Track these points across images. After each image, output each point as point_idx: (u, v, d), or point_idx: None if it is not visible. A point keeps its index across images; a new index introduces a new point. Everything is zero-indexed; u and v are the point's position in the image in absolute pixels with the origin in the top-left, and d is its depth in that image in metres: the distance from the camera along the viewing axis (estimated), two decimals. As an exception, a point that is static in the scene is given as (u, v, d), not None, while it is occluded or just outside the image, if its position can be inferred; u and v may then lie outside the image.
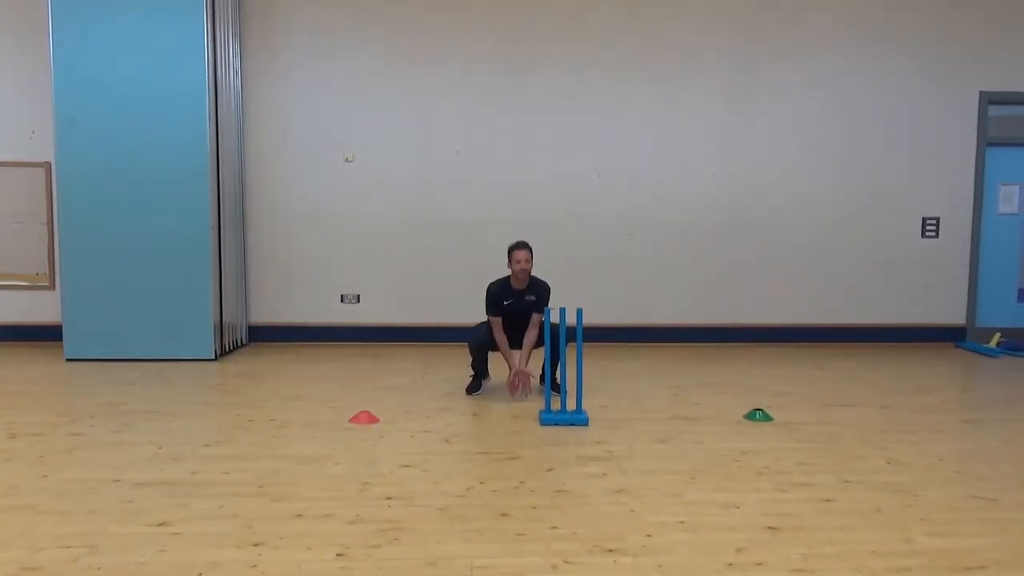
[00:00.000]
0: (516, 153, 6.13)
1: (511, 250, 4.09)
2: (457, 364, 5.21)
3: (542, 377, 4.33)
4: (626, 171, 6.15)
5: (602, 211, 6.15)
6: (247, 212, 6.06)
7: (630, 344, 6.21)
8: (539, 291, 4.16)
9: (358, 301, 6.17)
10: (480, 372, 4.33)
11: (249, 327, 6.12)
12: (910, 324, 6.37)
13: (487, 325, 4.23)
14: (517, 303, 4.13)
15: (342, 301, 6.16)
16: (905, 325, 6.37)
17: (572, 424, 3.61)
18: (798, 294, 6.29)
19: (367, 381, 4.63)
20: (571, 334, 3.65)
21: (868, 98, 6.23)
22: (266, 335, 6.13)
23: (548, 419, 3.64)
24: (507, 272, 4.19)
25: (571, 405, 3.75)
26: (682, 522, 2.46)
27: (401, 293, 6.14)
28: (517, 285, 4.10)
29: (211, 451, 3.18)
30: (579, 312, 3.66)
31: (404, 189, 6.09)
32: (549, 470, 2.96)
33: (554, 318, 3.77)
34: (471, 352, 4.27)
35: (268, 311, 6.14)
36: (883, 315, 6.35)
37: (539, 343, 4.15)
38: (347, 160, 6.04)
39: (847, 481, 2.86)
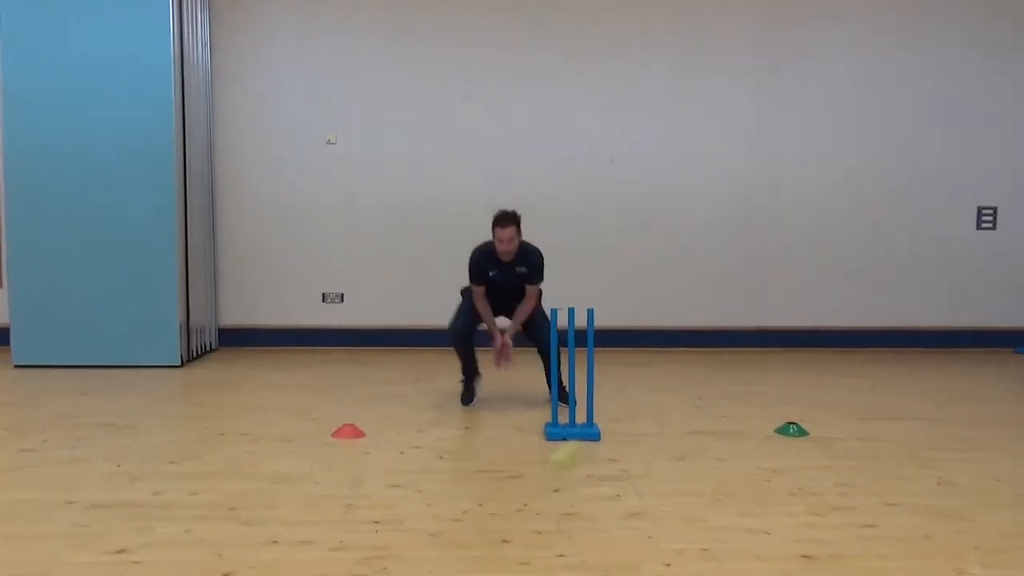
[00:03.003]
0: (519, 135, 6.12)
1: (493, 226, 3.97)
2: (453, 371, 5.19)
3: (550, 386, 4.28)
4: (640, 155, 6.15)
5: (614, 200, 6.15)
6: (217, 201, 6.06)
7: (646, 349, 6.20)
8: (530, 261, 4.04)
9: (341, 301, 6.17)
10: (470, 373, 4.27)
11: (219, 330, 6.12)
12: (963, 327, 6.35)
13: (469, 304, 4.14)
14: (503, 275, 4.05)
15: (324, 301, 6.16)
16: (957, 328, 6.35)
17: (581, 439, 3.60)
18: (834, 293, 6.28)
19: (351, 390, 4.62)
20: (580, 337, 3.63)
21: (913, 75, 6.21)
22: (238, 339, 6.13)
23: (555, 433, 3.63)
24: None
25: (580, 418, 3.74)
26: (705, 550, 2.44)
27: (390, 291, 6.14)
28: (504, 257, 4.02)
29: (176, 469, 3.17)
30: (590, 312, 3.65)
31: (393, 175, 6.09)
32: (555, 491, 2.95)
33: (561, 320, 3.75)
34: (454, 345, 4.20)
35: (241, 312, 6.14)
36: (932, 317, 6.33)
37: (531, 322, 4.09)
38: (329, 142, 6.03)
39: (891, 504, 2.85)
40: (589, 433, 3.62)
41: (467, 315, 4.17)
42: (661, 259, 6.21)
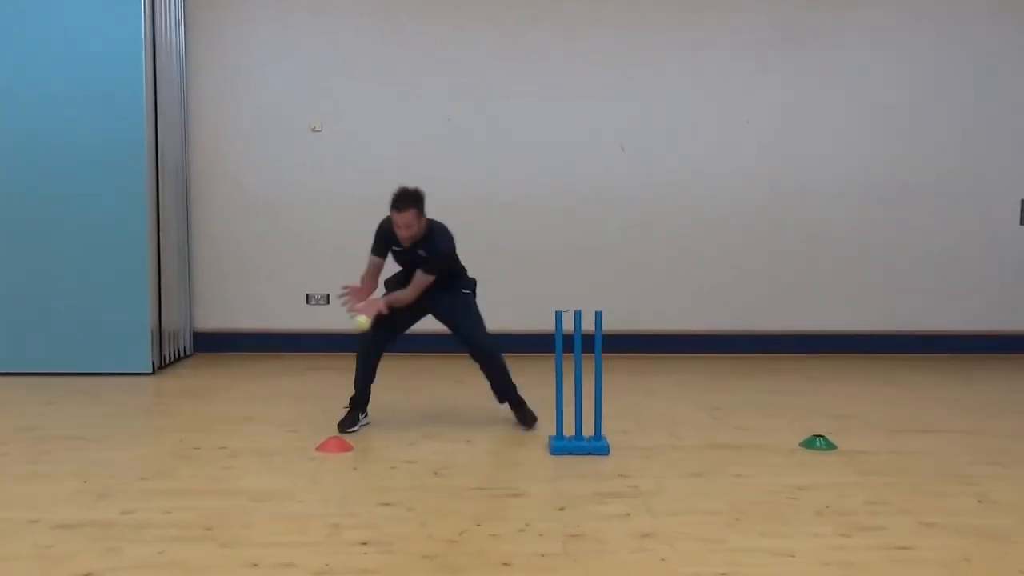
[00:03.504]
0: (519, 123, 6.12)
1: (391, 207, 3.78)
2: (448, 379, 5.21)
3: (499, 399, 4.12)
4: (650, 145, 6.15)
5: (623, 193, 6.15)
6: (192, 195, 6.06)
7: (658, 355, 6.20)
8: (432, 248, 3.82)
9: (327, 302, 6.17)
10: (361, 393, 4.03)
11: (194, 334, 6.12)
12: (1005, 331, 6.34)
13: (384, 319, 3.89)
14: (405, 252, 3.90)
15: (308, 302, 6.16)
16: (999, 332, 6.34)
17: (589, 453, 3.60)
18: (863, 293, 6.28)
19: (338, 400, 4.61)
20: (588, 343, 3.63)
21: (952, 55, 6.20)
22: (215, 344, 6.13)
23: (560, 447, 3.63)
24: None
25: (587, 430, 3.74)
26: (723, 574, 2.44)
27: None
28: (403, 243, 3.85)
29: (148, 486, 3.17)
30: (597, 316, 3.65)
31: (384, 164, 6.09)
32: (560, 509, 2.94)
33: (567, 323, 3.75)
34: (362, 356, 4.04)
35: (218, 315, 6.14)
36: (970, 320, 6.33)
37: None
38: (313, 129, 6.04)
39: (927, 524, 2.84)
40: (597, 447, 3.62)
41: (382, 325, 3.94)
42: (674, 257, 6.21)
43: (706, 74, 6.14)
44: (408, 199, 3.76)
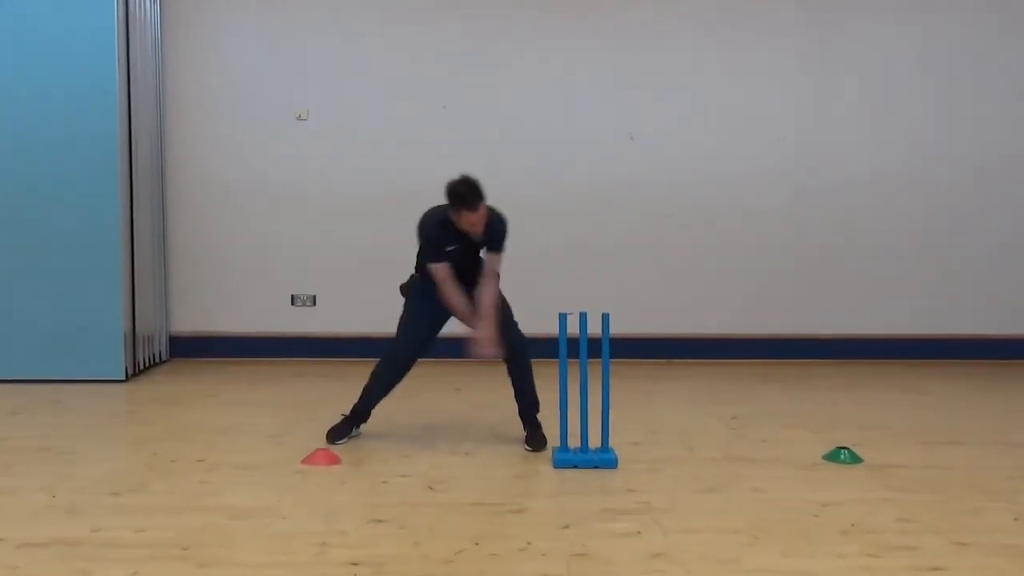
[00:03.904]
0: (522, 109, 6.12)
1: (458, 207, 3.62)
2: (443, 386, 5.21)
3: (525, 423, 4.03)
4: (664, 133, 6.15)
5: (634, 187, 6.15)
6: (168, 189, 6.07)
7: (671, 360, 6.20)
8: (492, 228, 3.75)
9: (314, 304, 6.17)
10: (367, 410, 4.00)
11: (171, 338, 6.13)
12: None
13: (421, 316, 3.86)
14: (462, 244, 3.78)
15: (293, 304, 6.16)
16: (1036, 337, 6.35)
17: (595, 466, 3.59)
18: (893, 295, 6.28)
19: (325, 408, 4.61)
20: (595, 347, 3.63)
21: (994, 36, 6.18)
22: (193, 348, 6.13)
23: (564, 460, 3.62)
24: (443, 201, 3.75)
25: (594, 442, 3.73)
26: (741, 597, 2.44)
27: (371, 294, 6.13)
28: (473, 237, 3.75)
29: (120, 501, 3.17)
30: (605, 317, 3.64)
31: (375, 157, 6.10)
32: (565, 527, 2.94)
33: (573, 326, 3.74)
34: (389, 368, 3.95)
35: (195, 317, 6.14)
36: (1009, 323, 6.32)
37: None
38: (299, 118, 6.04)
39: (960, 543, 2.84)
40: (604, 459, 3.61)
41: (421, 324, 3.91)
42: (687, 255, 6.21)
43: (723, 58, 6.14)
44: (477, 193, 3.64)
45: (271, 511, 3.07)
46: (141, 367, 5.63)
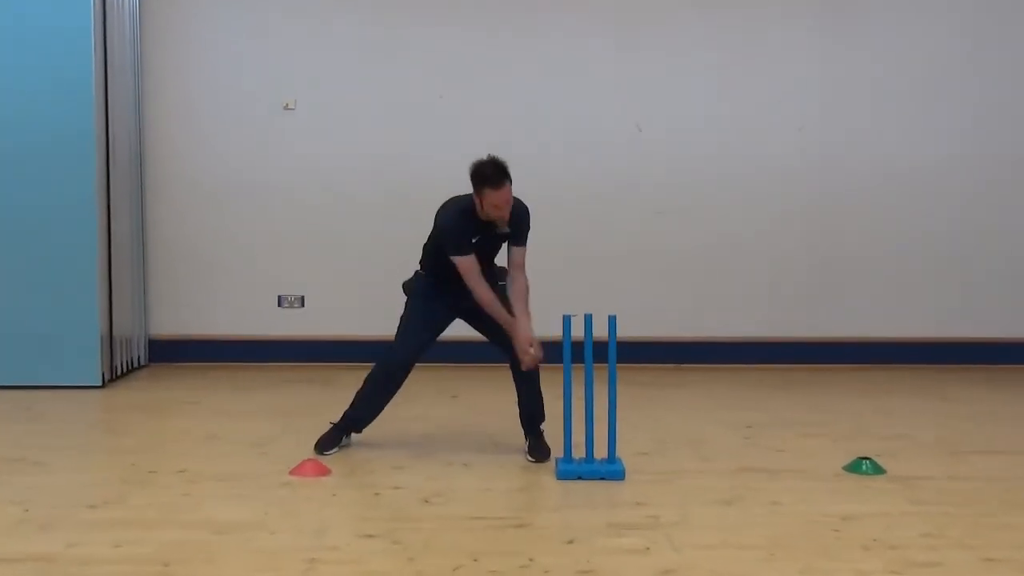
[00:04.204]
0: (522, 98, 6.12)
1: (483, 186, 3.60)
2: (439, 392, 5.20)
3: (527, 431, 4.01)
4: (673, 124, 6.14)
5: (643, 181, 6.14)
6: (148, 184, 6.06)
7: (681, 365, 6.19)
8: (515, 218, 3.74)
9: (302, 305, 6.17)
10: (366, 415, 3.96)
11: (150, 341, 6.12)
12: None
13: (422, 320, 3.86)
14: (486, 239, 3.78)
15: (280, 305, 6.16)
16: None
17: (601, 478, 3.58)
18: (917, 296, 6.27)
19: (314, 417, 4.60)
20: (600, 351, 3.61)
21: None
22: (173, 353, 6.13)
23: (568, 471, 3.62)
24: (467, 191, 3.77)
25: (600, 451, 3.73)
26: (757, 617, 2.44)
27: (362, 294, 6.13)
28: (500, 224, 3.74)
29: (96, 515, 3.16)
30: (611, 320, 3.64)
31: (366, 149, 6.09)
32: (569, 542, 2.94)
33: (577, 329, 3.73)
34: (386, 373, 3.93)
35: (176, 320, 6.14)
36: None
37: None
38: (287, 108, 6.03)
39: (990, 560, 2.83)
40: (610, 471, 3.60)
41: (426, 326, 3.90)
42: (698, 254, 6.20)
43: (738, 41, 6.13)
44: (503, 171, 3.63)
45: (256, 525, 3.06)
46: (118, 372, 5.62)
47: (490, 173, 3.62)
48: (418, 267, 4.08)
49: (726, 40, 6.14)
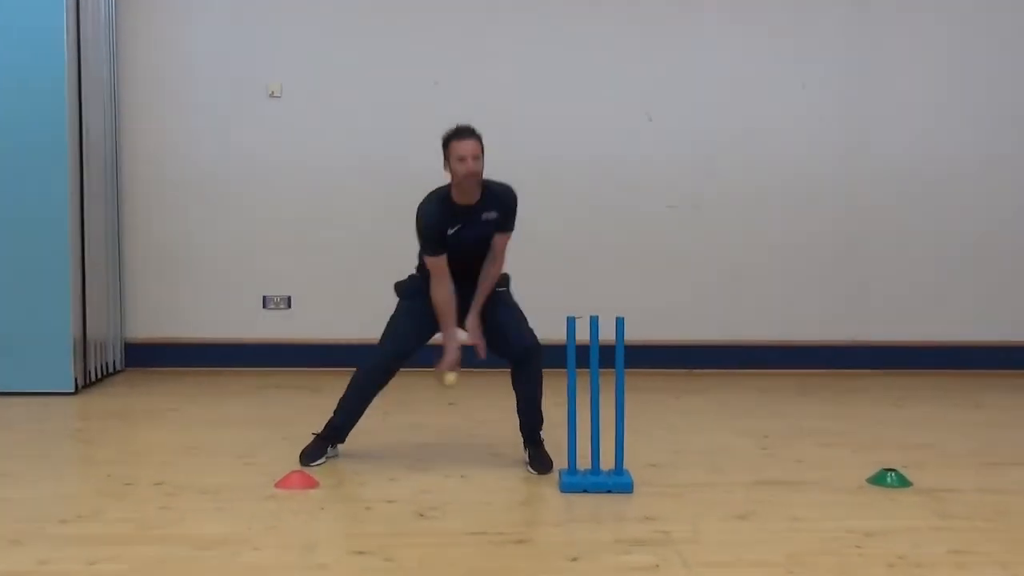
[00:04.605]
0: (523, 86, 6.12)
1: (448, 141, 3.77)
2: (435, 399, 5.20)
3: (526, 440, 4.04)
4: (689, 114, 6.15)
5: (652, 174, 6.15)
6: (124, 179, 6.07)
7: (694, 371, 6.19)
8: (500, 201, 3.87)
9: (288, 306, 6.17)
10: (348, 420, 4.03)
11: (126, 345, 6.13)
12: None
13: (415, 310, 3.94)
14: (468, 228, 3.83)
15: (265, 307, 6.16)
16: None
17: (608, 491, 3.59)
18: (944, 298, 6.28)
19: (301, 425, 4.61)
20: (607, 355, 3.62)
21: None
22: (151, 357, 6.13)
23: (572, 483, 3.62)
24: (445, 180, 3.86)
25: (607, 463, 3.73)
26: (775, 639, 2.44)
27: (352, 294, 6.14)
28: (464, 199, 3.83)
29: (69, 530, 3.16)
30: (619, 322, 3.64)
31: (357, 140, 6.09)
32: (574, 560, 2.93)
33: (582, 332, 3.73)
34: (366, 378, 4.01)
35: (154, 322, 6.14)
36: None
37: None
38: (272, 95, 6.03)
39: (1023, 577, 2.84)
40: (618, 483, 3.60)
41: (413, 327, 3.96)
42: (712, 253, 6.21)
43: (753, 31, 6.14)
44: (469, 128, 3.84)
45: (240, 541, 3.05)
46: (92, 378, 5.62)
47: (455, 128, 3.83)
48: (415, 269, 4.09)
49: (741, 30, 6.14)
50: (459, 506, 3.47)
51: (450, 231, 3.83)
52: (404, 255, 6.01)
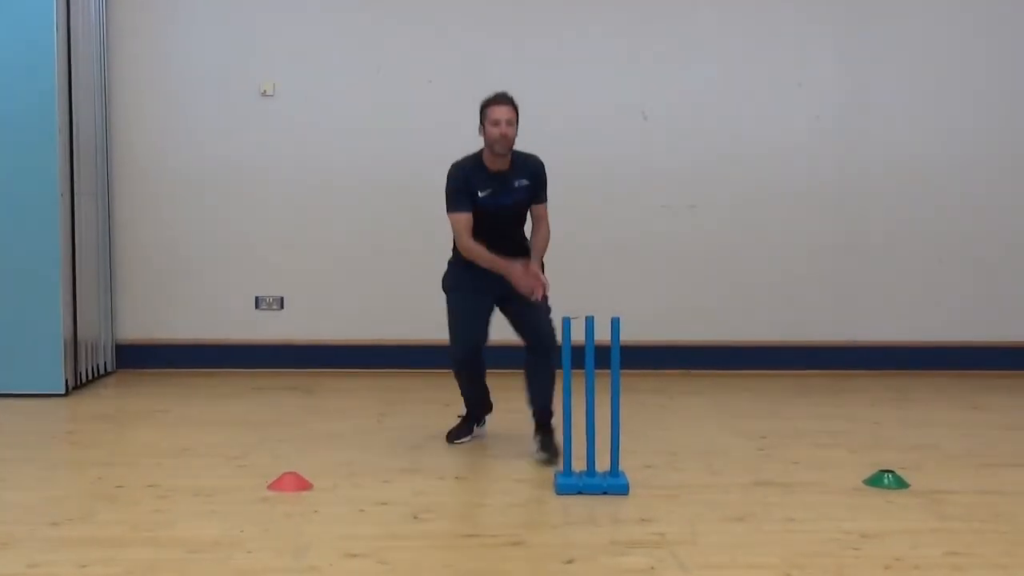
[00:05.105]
0: (519, 84, 6.07)
1: (484, 106, 4.01)
2: (431, 400, 5.19)
3: (537, 427, 4.17)
4: (684, 112, 6.15)
5: (647, 172, 6.14)
6: (114, 178, 6.05)
7: (690, 371, 6.20)
8: (531, 170, 4.11)
9: (281, 307, 6.16)
10: (478, 405, 4.30)
11: (117, 346, 6.11)
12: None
13: (464, 311, 4.11)
14: (499, 194, 4.05)
15: (257, 307, 6.15)
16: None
17: (604, 492, 3.59)
18: (945, 297, 6.28)
19: (294, 427, 4.61)
20: (603, 356, 3.62)
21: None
22: (142, 358, 6.12)
23: (568, 485, 3.62)
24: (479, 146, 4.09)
25: (602, 464, 3.73)
26: (771, 641, 2.44)
27: (345, 295, 6.14)
28: (496, 164, 4.03)
29: (60, 533, 3.16)
30: (615, 323, 3.64)
31: (351, 139, 6.09)
32: (569, 562, 2.94)
33: (577, 333, 3.74)
34: (457, 369, 4.22)
35: (145, 323, 6.13)
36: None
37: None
38: (264, 94, 6.02)
39: (1021, 579, 2.85)
40: (614, 485, 3.61)
41: (469, 318, 4.12)
42: (709, 252, 6.20)
43: (750, 26, 6.14)
44: (507, 95, 4.04)
45: (233, 543, 3.06)
46: (83, 379, 5.61)
47: (493, 94, 4.05)
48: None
49: (738, 26, 6.14)
50: (454, 508, 3.48)
51: (481, 193, 4.02)
52: (400, 255, 6.06)
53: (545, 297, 4.11)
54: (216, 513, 3.37)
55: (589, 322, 3.65)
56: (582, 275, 6.09)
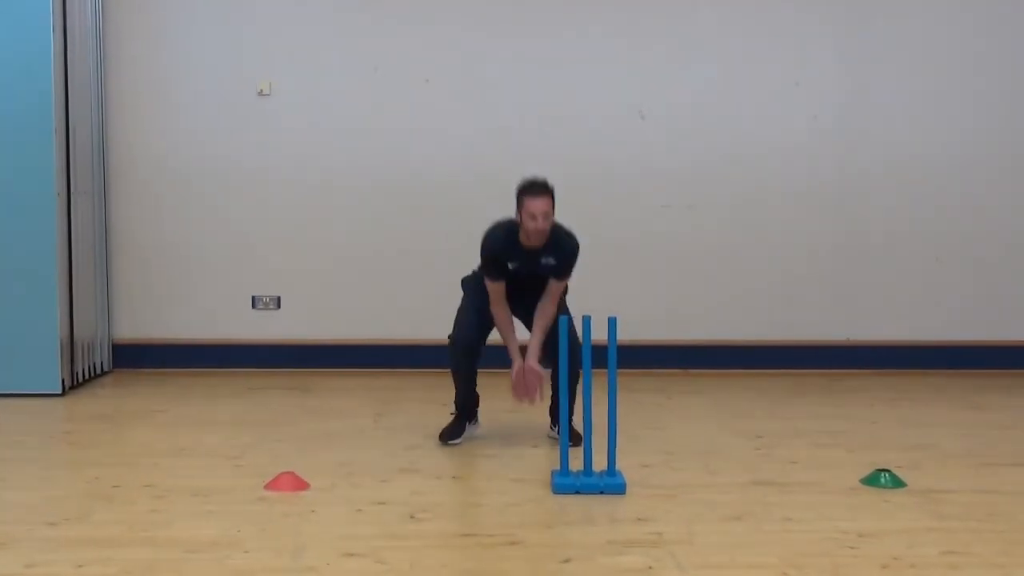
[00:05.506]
0: (516, 84, 6.12)
1: (522, 195, 4.06)
2: (428, 400, 5.20)
3: (554, 419, 4.34)
4: (683, 112, 6.16)
5: (646, 172, 6.15)
6: (111, 178, 6.06)
7: (688, 371, 6.21)
8: (561, 251, 4.14)
9: (278, 307, 6.17)
10: (466, 405, 4.34)
11: (114, 346, 6.12)
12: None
13: (474, 306, 4.24)
14: (526, 266, 4.14)
15: (254, 307, 6.16)
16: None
17: (601, 492, 3.60)
18: (945, 297, 6.29)
19: (292, 427, 4.61)
20: (600, 356, 3.63)
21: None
22: (139, 358, 6.13)
23: (565, 484, 3.63)
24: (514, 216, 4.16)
25: (599, 463, 3.74)
26: (767, 640, 2.46)
27: (343, 294, 6.14)
28: (531, 242, 4.11)
29: (57, 533, 3.17)
30: (611, 323, 3.65)
31: (348, 139, 6.09)
32: (566, 561, 2.95)
33: (577, 332, 3.76)
34: (453, 360, 4.28)
35: (142, 323, 6.13)
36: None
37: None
38: (261, 93, 6.03)
39: (1018, 579, 2.86)
40: (611, 484, 3.62)
41: (474, 316, 4.23)
42: (706, 252, 6.21)
43: (746, 25, 6.15)
44: (543, 186, 4.05)
45: (230, 543, 3.06)
46: (80, 379, 5.62)
47: (530, 182, 4.07)
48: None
49: (737, 26, 6.14)
50: (451, 508, 3.49)
51: (511, 265, 4.13)
52: (397, 255, 6.06)
53: (563, 303, 4.26)
54: (213, 513, 3.38)
55: (586, 322, 3.66)
56: (581, 275, 6.06)
